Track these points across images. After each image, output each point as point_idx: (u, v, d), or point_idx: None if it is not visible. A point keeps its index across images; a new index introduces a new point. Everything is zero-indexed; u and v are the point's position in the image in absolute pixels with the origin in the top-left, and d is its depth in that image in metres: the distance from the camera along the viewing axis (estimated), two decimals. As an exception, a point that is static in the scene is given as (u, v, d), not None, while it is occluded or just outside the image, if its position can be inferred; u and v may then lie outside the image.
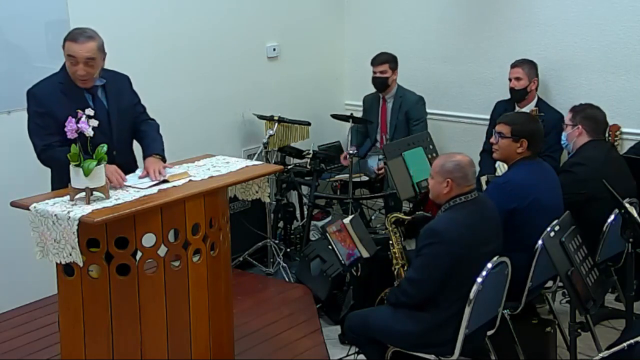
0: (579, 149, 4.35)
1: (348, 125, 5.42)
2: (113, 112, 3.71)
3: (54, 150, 3.56)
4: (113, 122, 3.72)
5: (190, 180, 3.59)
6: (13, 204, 3.32)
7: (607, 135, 5.04)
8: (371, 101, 5.94)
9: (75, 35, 3.60)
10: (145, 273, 3.34)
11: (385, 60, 5.70)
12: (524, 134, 3.89)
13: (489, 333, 3.67)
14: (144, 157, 3.78)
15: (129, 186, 3.49)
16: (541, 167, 3.99)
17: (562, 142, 4.48)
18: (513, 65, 5.33)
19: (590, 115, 4.35)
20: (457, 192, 3.52)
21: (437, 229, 3.46)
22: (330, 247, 4.13)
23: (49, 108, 3.59)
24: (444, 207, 3.56)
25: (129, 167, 3.73)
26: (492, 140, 4.05)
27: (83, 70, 3.59)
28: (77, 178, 3.22)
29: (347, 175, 5.32)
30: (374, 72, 5.73)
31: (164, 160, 3.77)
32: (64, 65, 3.68)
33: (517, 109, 5.35)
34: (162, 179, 3.56)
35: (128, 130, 3.85)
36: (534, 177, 3.89)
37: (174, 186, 3.50)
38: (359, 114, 5.95)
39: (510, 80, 5.32)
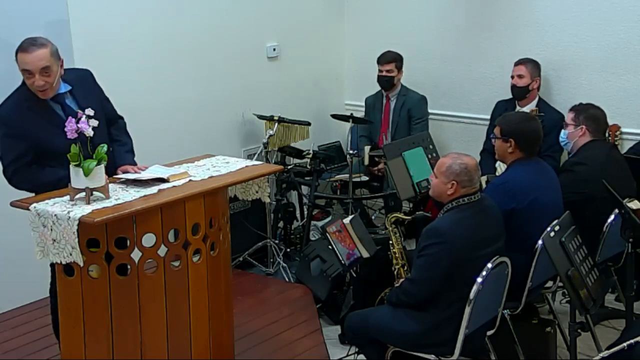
0: (580, 148, 4.36)
1: (348, 125, 5.42)
2: None
3: (27, 172, 3.50)
4: None
5: (190, 180, 3.59)
6: (13, 204, 3.32)
7: (607, 135, 5.05)
8: (373, 101, 5.94)
9: (25, 46, 3.43)
10: (145, 273, 3.34)
11: (392, 59, 5.72)
12: (510, 134, 3.90)
13: (489, 333, 3.67)
14: (119, 164, 3.70)
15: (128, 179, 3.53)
16: (540, 167, 3.99)
17: (562, 141, 4.48)
18: (517, 63, 5.34)
19: (593, 116, 4.37)
20: (461, 194, 3.52)
21: (441, 229, 3.46)
22: (330, 247, 4.13)
23: (19, 129, 3.48)
24: (446, 207, 3.56)
25: (112, 166, 3.64)
26: (492, 141, 4.08)
27: (41, 81, 3.41)
28: (77, 178, 3.22)
29: (347, 175, 5.32)
30: (380, 71, 5.74)
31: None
32: (24, 81, 3.53)
33: (517, 108, 5.35)
34: (140, 172, 3.59)
35: (104, 129, 3.68)
36: (533, 177, 3.89)
37: (174, 186, 3.50)
38: (359, 114, 5.94)
39: (512, 77, 5.33)
